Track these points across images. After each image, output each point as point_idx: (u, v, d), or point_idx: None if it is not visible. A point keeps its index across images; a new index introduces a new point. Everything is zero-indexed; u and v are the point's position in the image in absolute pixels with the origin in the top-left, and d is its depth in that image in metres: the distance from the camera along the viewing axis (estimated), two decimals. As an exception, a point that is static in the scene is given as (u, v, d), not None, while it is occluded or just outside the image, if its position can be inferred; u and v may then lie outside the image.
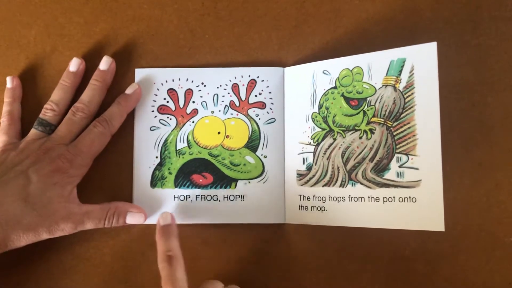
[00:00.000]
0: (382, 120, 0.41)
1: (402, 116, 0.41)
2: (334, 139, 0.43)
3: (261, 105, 0.45)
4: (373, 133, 0.42)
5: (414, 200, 0.40)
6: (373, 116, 0.42)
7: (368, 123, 0.42)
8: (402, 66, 0.41)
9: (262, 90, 0.45)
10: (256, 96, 0.45)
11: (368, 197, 0.41)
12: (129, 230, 0.45)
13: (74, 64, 0.45)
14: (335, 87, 0.43)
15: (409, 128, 0.40)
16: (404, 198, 0.40)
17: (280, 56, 0.46)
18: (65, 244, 0.45)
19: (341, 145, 0.43)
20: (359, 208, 0.41)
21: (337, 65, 0.43)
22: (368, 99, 0.42)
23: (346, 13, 0.46)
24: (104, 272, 0.45)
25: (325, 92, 0.44)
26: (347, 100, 0.43)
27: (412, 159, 0.40)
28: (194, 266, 0.44)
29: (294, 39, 0.46)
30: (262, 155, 0.45)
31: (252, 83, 0.45)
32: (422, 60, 0.40)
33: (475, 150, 0.44)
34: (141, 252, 0.45)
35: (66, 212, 0.40)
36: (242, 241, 0.45)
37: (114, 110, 0.44)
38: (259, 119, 0.45)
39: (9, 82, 0.46)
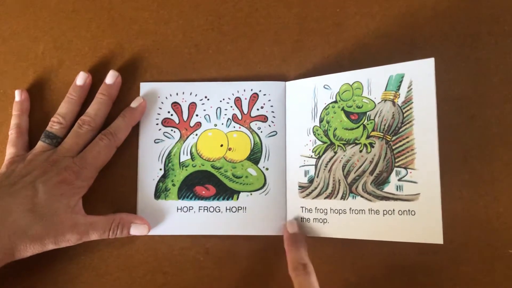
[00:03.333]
0: (382, 134, 0.42)
1: (401, 130, 0.41)
2: (335, 152, 0.44)
3: (263, 118, 0.46)
4: (373, 146, 0.42)
5: (413, 213, 0.40)
6: (373, 130, 0.42)
7: (368, 137, 0.43)
8: (401, 82, 0.42)
9: (264, 104, 0.46)
10: (258, 109, 0.46)
11: (368, 209, 0.42)
12: (133, 241, 0.46)
13: (81, 78, 0.46)
14: (335, 101, 0.44)
15: (407, 142, 0.41)
16: (404, 211, 0.40)
17: (282, 70, 0.47)
18: (70, 254, 0.45)
19: (342, 158, 0.43)
20: (360, 220, 0.42)
21: (337, 80, 0.44)
22: (367, 113, 0.43)
23: (347, 28, 0.47)
24: (109, 282, 0.45)
25: (326, 106, 0.44)
26: (347, 114, 0.44)
27: (411, 172, 0.40)
28: (197, 276, 0.45)
29: (296, 53, 0.47)
30: (264, 167, 0.45)
31: (254, 97, 0.46)
32: (420, 75, 0.41)
33: (474, 162, 0.45)
34: (145, 262, 0.45)
35: (72, 223, 0.41)
36: (244, 252, 0.45)
37: (119, 123, 0.45)
38: (261, 132, 0.46)
39: (17, 95, 0.47)
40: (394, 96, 0.42)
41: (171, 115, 0.46)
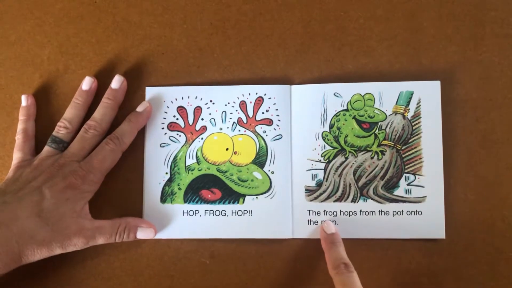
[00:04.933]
0: (392, 143, 0.45)
1: (410, 141, 0.45)
2: (346, 158, 0.45)
3: (268, 122, 0.46)
4: (384, 154, 0.45)
5: (420, 213, 0.44)
6: (384, 139, 0.45)
7: (379, 145, 0.45)
8: (410, 98, 0.46)
9: (269, 107, 0.46)
10: (263, 113, 0.46)
11: (379, 211, 0.45)
12: (139, 245, 0.46)
13: (87, 83, 0.46)
14: (346, 110, 0.46)
15: (416, 151, 0.45)
16: (411, 211, 0.44)
17: (286, 74, 0.47)
18: (77, 259, 0.46)
19: (353, 163, 0.45)
20: (370, 221, 0.45)
21: (348, 89, 0.46)
22: (379, 123, 0.45)
23: (351, 31, 0.47)
24: (115, 286, 0.45)
25: (337, 113, 0.46)
26: (359, 122, 0.46)
27: (418, 178, 0.45)
28: (203, 279, 0.45)
29: (300, 57, 0.47)
30: (269, 171, 0.46)
31: (259, 100, 0.46)
32: (427, 95, 0.45)
33: (479, 165, 0.45)
34: (151, 266, 0.46)
35: (78, 227, 0.41)
36: (250, 255, 0.45)
37: (125, 128, 0.45)
38: (266, 135, 0.46)
39: (23, 100, 0.47)
40: (404, 110, 0.45)
41: (177, 119, 0.47)
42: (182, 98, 0.47)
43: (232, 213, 0.45)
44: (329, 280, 0.44)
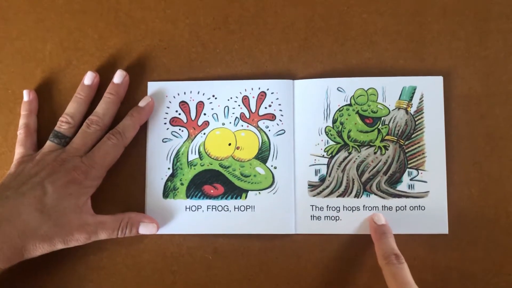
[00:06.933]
0: (395, 138, 0.45)
1: (413, 136, 0.45)
2: (349, 153, 0.45)
3: (271, 117, 0.46)
4: (387, 149, 0.45)
5: (423, 208, 0.44)
6: (387, 134, 0.45)
7: (382, 140, 0.45)
8: (413, 93, 0.46)
9: (272, 102, 0.46)
10: (266, 108, 0.46)
11: (382, 206, 0.45)
12: (142, 240, 0.46)
13: (89, 78, 0.46)
14: (350, 104, 0.46)
15: (419, 147, 0.45)
16: (414, 207, 0.44)
17: (289, 69, 0.47)
18: (79, 254, 0.46)
19: (356, 158, 0.45)
20: None
21: (352, 84, 0.46)
22: (382, 118, 0.45)
23: (355, 26, 0.47)
24: (117, 281, 0.45)
25: (340, 108, 0.46)
26: (362, 117, 0.45)
27: (421, 173, 0.45)
28: (206, 275, 0.45)
29: (303, 51, 0.47)
30: (272, 166, 0.45)
31: (262, 95, 0.46)
32: (430, 90, 0.45)
33: (483, 161, 0.45)
34: (154, 262, 0.46)
35: (81, 222, 0.41)
36: (252, 250, 0.45)
37: (127, 123, 0.45)
38: (269, 130, 0.46)
39: (25, 95, 0.47)
40: (407, 105, 0.45)
41: (179, 114, 0.46)
42: (185, 93, 0.47)
43: (234, 208, 0.45)
44: (331, 275, 0.45)
